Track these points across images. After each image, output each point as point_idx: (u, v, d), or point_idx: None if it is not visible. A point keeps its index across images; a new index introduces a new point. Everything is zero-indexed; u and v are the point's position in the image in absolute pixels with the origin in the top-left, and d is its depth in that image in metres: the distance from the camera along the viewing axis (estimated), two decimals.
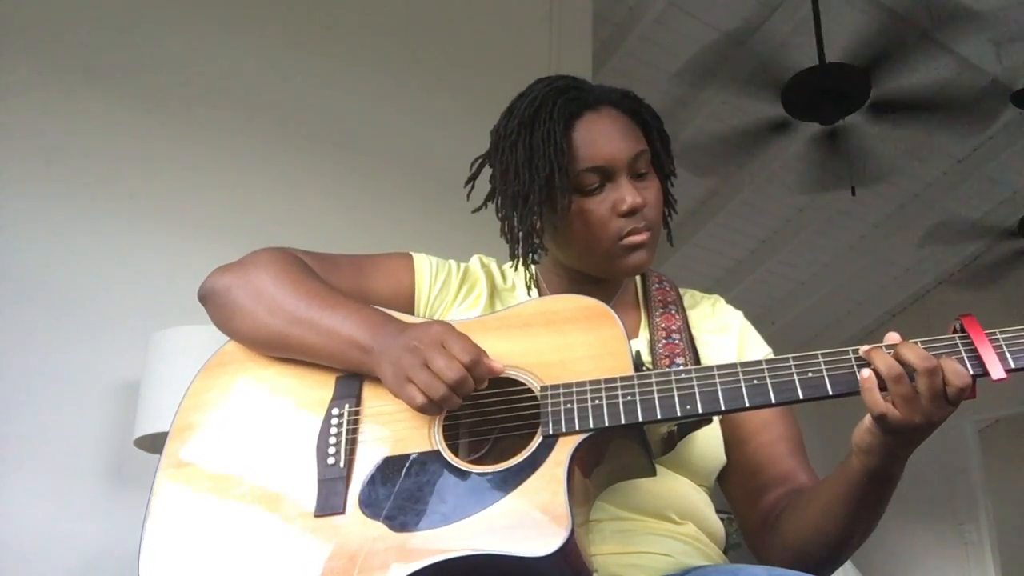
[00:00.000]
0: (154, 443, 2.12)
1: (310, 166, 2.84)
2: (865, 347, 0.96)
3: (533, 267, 1.30)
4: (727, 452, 1.18)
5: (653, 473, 1.04)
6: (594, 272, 1.22)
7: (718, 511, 1.18)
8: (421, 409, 0.99)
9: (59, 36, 2.54)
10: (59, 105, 2.50)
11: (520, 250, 1.20)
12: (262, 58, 2.85)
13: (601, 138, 1.17)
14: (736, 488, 1.21)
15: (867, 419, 0.96)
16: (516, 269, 1.27)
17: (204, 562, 0.99)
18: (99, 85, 2.56)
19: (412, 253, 1.27)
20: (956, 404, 0.93)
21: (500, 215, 1.22)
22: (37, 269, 2.35)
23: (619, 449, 1.01)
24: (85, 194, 2.47)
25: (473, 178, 1.28)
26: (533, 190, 1.15)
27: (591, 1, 3.66)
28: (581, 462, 0.97)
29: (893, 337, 0.96)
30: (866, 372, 0.94)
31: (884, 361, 0.93)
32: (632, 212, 1.15)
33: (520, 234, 1.19)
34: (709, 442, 1.14)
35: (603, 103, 1.20)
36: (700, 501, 1.15)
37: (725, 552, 1.17)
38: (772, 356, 1.23)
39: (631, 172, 1.18)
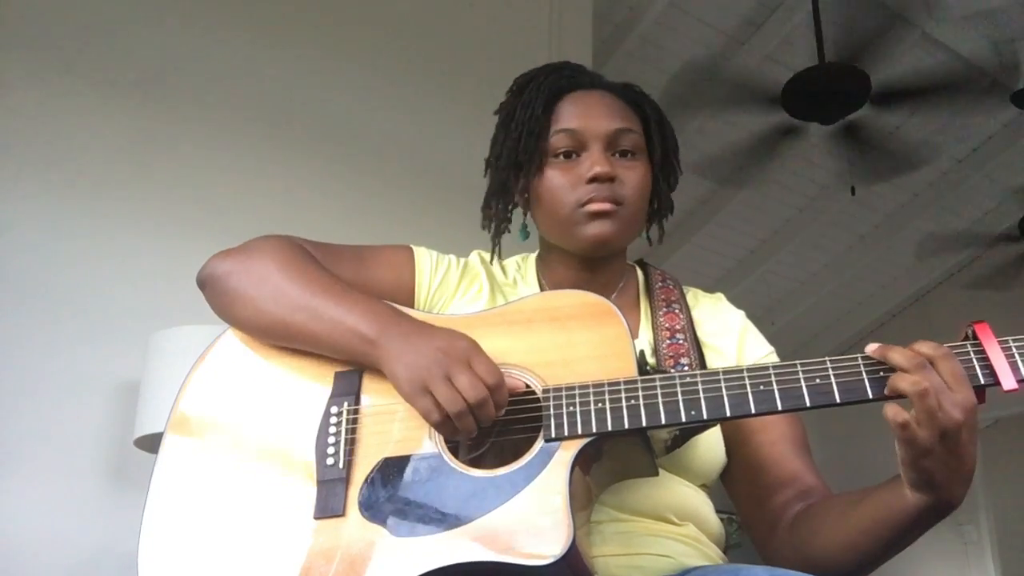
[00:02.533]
0: (154, 443, 2.11)
1: (310, 165, 2.84)
2: (871, 348, 0.93)
3: (533, 260, 1.30)
4: (729, 450, 1.17)
5: (655, 473, 1.03)
6: (562, 244, 1.22)
7: (718, 511, 1.17)
8: (436, 425, 0.97)
9: (59, 36, 2.54)
10: (59, 105, 2.49)
11: (493, 214, 1.24)
12: (261, 57, 2.85)
13: (581, 109, 1.20)
14: (741, 488, 1.19)
15: (898, 454, 0.91)
16: (520, 237, 1.28)
17: (201, 565, 0.98)
18: (99, 85, 2.56)
19: (412, 246, 1.27)
20: (966, 405, 0.87)
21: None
22: (37, 269, 2.35)
23: (621, 450, 1.00)
24: (85, 194, 2.47)
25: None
26: (505, 150, 1.19)
27: (591, 1, 3.66)
28: (583, 464, 0.96)
29: (871, 347, 0.93)
30: (889, 407, 0.89)
31: (901, 353, 0.89)
32: (597, 180, 1.15)
33: (492, 196, 1.23)
34: (710, 443, 1.13)
35: (598, 87, 1.23)
36: (700, 502, 1.14)
37: (725, 552, 1.16)
38: (774, 354, 1.22)
39: (610, 147, 1.18)
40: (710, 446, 1.13)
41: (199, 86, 2.73)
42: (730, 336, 1.24)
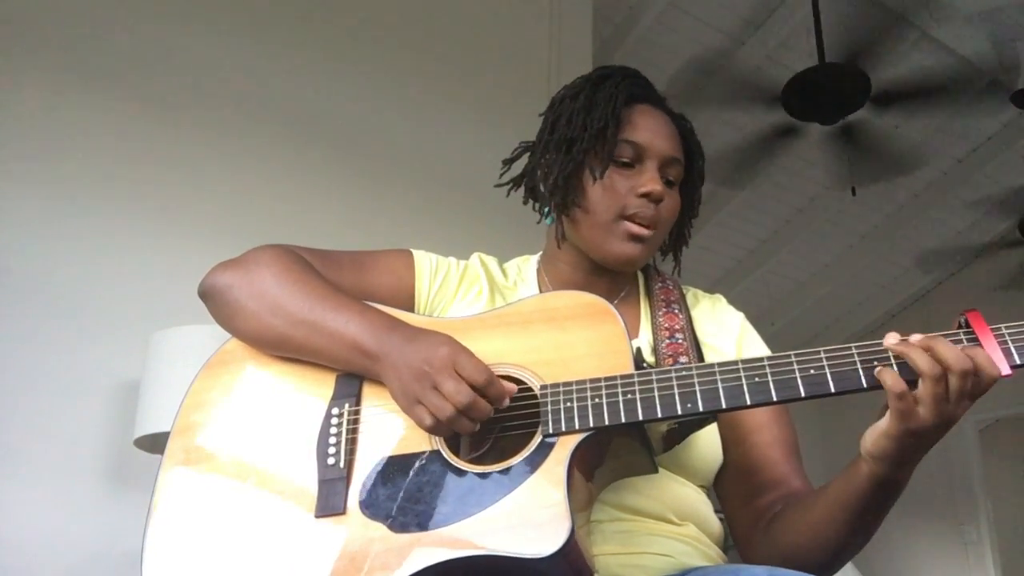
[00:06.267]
0: (154, 443, 2.12)
1: (310, 166, 2.84)
2: (892, 341, 0.92)
3: (536, 263, 1.31)
4: (723, 449, 1.17)
5: (655, 471, 1.04)
6: (586, 247, 1.23)
7: (717, 511, 1.18)
8: (431, 430, 0.99)
9: (59, 36, 2.54)
10: (59, 105, 2.50)
11: (558, 198, 1.21)
12: (262, 58, 2.85)
13: (651, 124, 1.21)
14: (729, 487, 1.20)
15: (882, 423, 0.93)
16: (547, 221, 1.27)
17: (206, 563, 0.99)
18: (99, 85, 2.56)
19: (412, 250, 1.28)
20: (974, 399, 0.91)
21: (539, 167, 1.25)
22: (37, 269, 2.35)
23: (620, 447, 1.01)
24: (85, 194, 2.47)
25: (511, 161, 1.31)
26: (582, 137, 1.19)
27: (591, 1, 3.66)
28: (581, 461, 0.96)
29: (894, 336, 0.93)
30: (889, 374, 0.90)
31: (924, 360, 0.89)
32: (649, 196, 1.18)
33: (560, 179, 1.20)
34: (708, 442, 1.14)
35: (664, 108, 1.26)
36: (699, 502, 1.15)
37: (725, 552, 1.17)
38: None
39: (661, 169, 1.21)
40: (709, 444, 1.14)
41: (201, 86, 2.73)
42: (729, 337, 1.25)
